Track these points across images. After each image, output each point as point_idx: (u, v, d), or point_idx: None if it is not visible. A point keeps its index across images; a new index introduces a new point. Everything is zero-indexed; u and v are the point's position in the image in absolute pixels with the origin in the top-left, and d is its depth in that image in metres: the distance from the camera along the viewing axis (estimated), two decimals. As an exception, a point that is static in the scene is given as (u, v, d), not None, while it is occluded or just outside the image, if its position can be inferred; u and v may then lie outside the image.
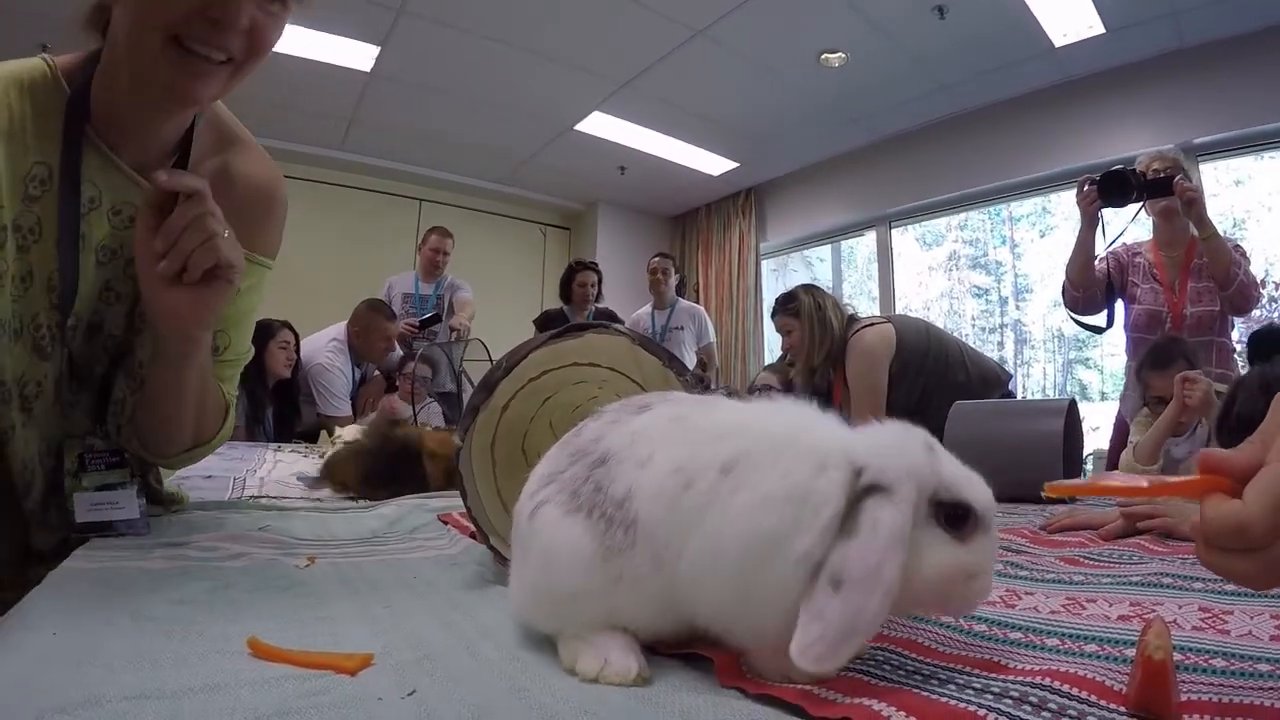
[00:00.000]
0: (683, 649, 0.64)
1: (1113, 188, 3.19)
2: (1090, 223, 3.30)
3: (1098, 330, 3.58)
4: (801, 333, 3.40)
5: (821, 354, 3.35)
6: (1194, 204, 3.06)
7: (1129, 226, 3.43)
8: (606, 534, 0.61)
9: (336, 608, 0.80)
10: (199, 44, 1.00)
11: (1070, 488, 0.64)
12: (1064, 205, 6.27)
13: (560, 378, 1.06)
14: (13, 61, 1.09)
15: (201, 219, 0.96)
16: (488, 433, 1.05)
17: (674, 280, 6.15)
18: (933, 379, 3.20)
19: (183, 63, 1.01)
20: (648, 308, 6.19)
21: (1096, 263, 3.40)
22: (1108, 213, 3.30)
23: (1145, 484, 0.54)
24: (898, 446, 0.61)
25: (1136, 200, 3.22)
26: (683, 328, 6.06)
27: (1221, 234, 3.20)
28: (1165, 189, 3.12)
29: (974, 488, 0.62)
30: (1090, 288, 3.42)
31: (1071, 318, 3.59)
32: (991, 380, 3.24)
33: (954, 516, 0.59)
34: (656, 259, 6.14)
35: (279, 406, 4.20)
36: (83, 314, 1.18)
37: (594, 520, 0.62)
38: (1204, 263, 3.17)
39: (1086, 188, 3.25)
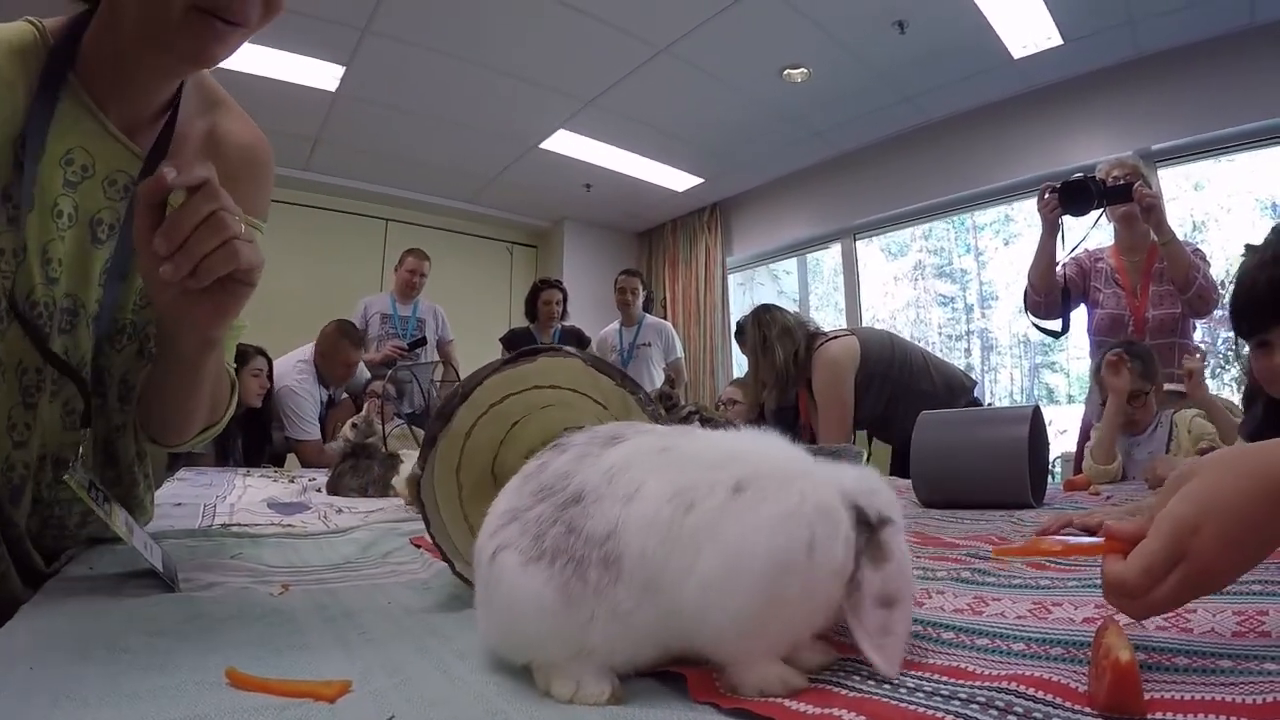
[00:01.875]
0: (655, 668, 0.65)
1: (1073, 196, 3.24)
2: (1051, 229, 3.35)
3: (1055, 334, 3.63)
4: (749, 367, 3.45)
5: (771, 378, 3.37)
6: (1153, 210, 3.11)
7: (1090, 232, 3.47)
8: (574, 578, 0.60)
9: (312, 635, 0.80)
10: (224, 10, 0.98)
11: (1011, 550, 0.79)
12: (1027, 213, 6.36)
13: (525, 401, 1.05)
14: None
15: (217, 218, 0.84)
16: (452, 458, 1.04)
17: (642, 297, 6.17)
18: (898, 388, 3.22)
19: (205, 28, 0.98)
20: (615, 325, 6.21)
21: (1057, 268, 3.45)
22: (1069, 219, 3.35)
23: (1059, 548, 0.74)
24: (879, 485, 0.66)
25: (1097, 207, 3.27)
26: (650, 344, 6.09)
27: (1181, 238, 3.25)
28: (1125, 195, 3.17)
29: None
30: (1052, 293, 3.46)
31: (1032, 322, 3.63)
32: (957, 388, 3.27)
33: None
34: (623, 276, 6.16)
35: (249, 433, 4.14)
36: (82, 296, 1.11)
37: (558, 568, 0.61)
38: (1165, 267, 3.22)
39: (1048, 195, 3.30)
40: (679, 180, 7.67)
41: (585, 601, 0.59)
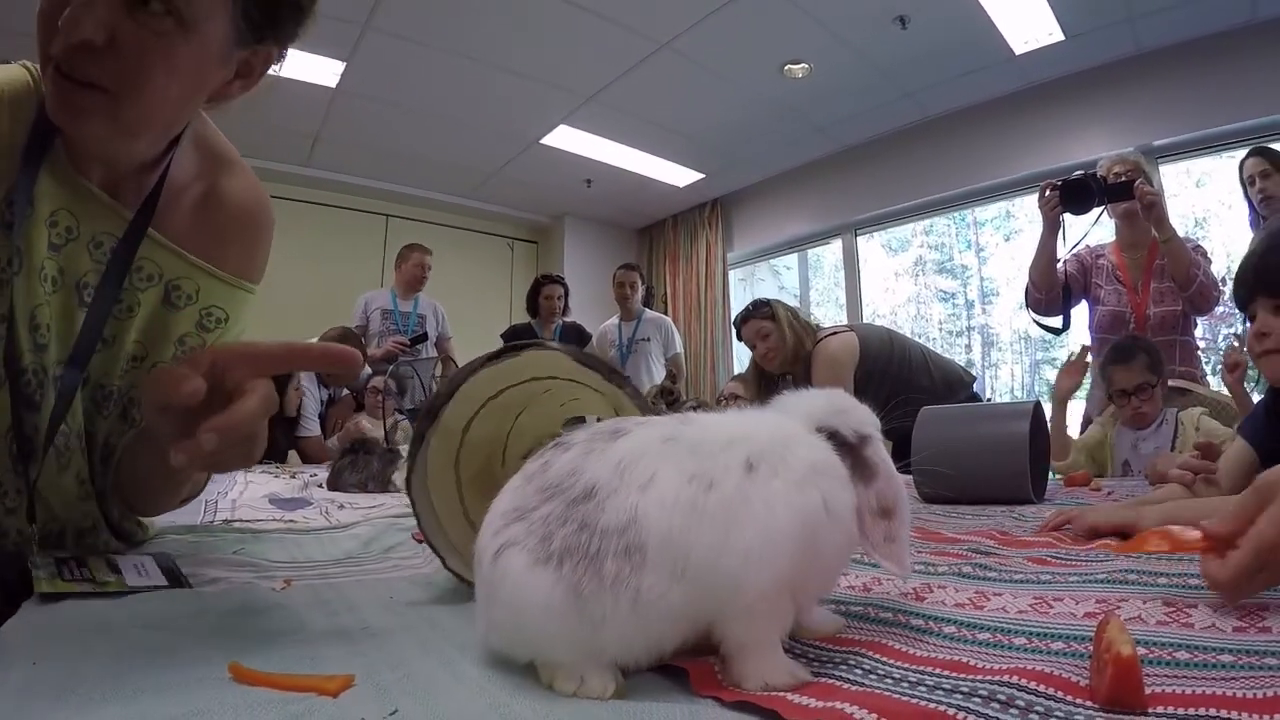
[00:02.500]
0: (667, 658, 0.64)
1: (1074, 194, 3.24)
2: (1052, 227, 3.35)
3: (1056, 331, 3.63)
4: (779, 334, 3.41)
5: (791, 354, 3.37)
6: (1153, 207, 3.11)
7: (1091, 229, 3.47)
8: (587, 576, 0.59)
9: (315, 630, 0.80)
10: (64, 65, 0.87)
11: (1124, 547, 0.94)
12: (1028, 209, 6.36)
13: (525, 391, 1.04)
14: None
15: (251, 438, 0.78)
16: (448, 455, 1.02)
17: (641, 292, 6.18)
18: (897, 384, 3.23)
19: (55, 90, 0.90)
20: (615, 320, 6.22)
21: (1058, 265, 3.45)
22: (1070, 216, 3.35)
23: (1168, 546, 0.85)
24: (848, 404, 0.75)
25: (1098, 205, 3.27)
26: (649, 339, 6.10)
27: (1182, 235, 3.26)
28: (1126, 193, 3.17)
29: None
30: (1053, 290, 3.47)
31: (1033, 319, 3.63)
32: (955, 383, 3.27)
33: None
34: (621, 271, 6.16)
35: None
36: (62, 362, 1.02)
37: (568, 569, 0.59)
38: (1166, 264, 3.23)
39: (1049, 193, 3.30)
40: (680, 176, 7.66)
41: (600, 598, 0.59)
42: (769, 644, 0.62)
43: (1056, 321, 3.58)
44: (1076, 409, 4.04)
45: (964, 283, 7.31)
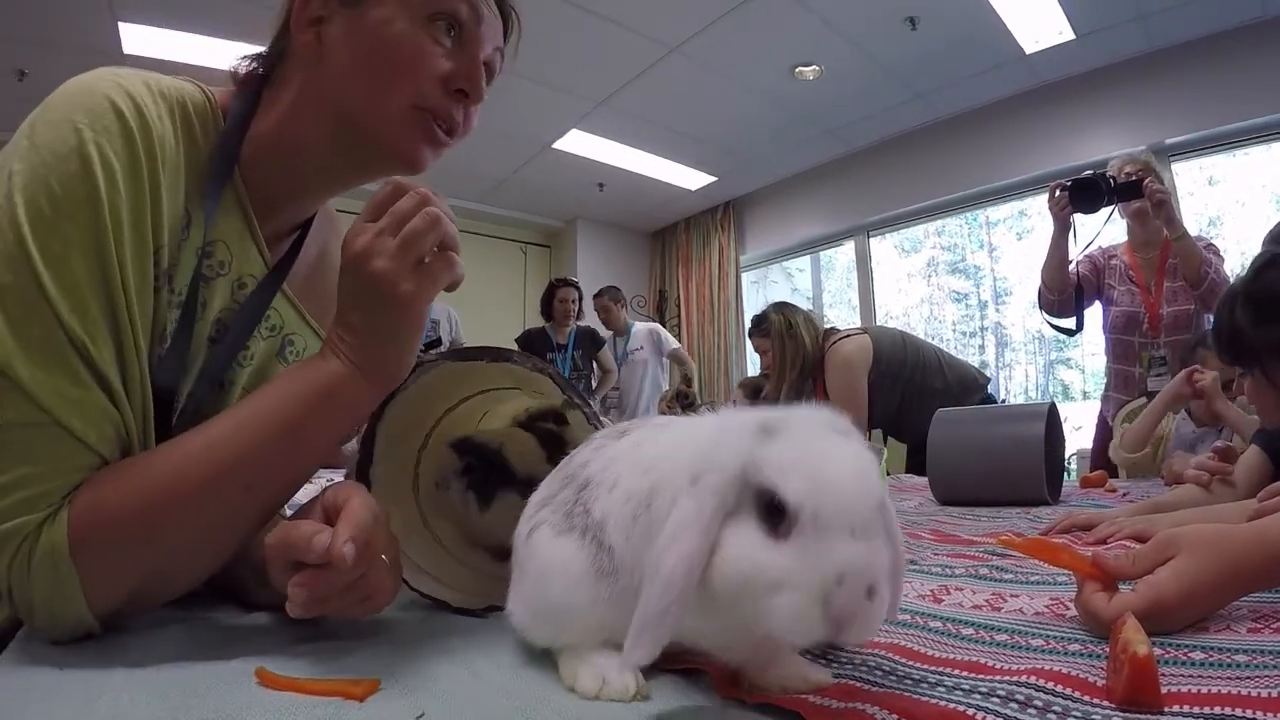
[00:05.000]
0: (680, 664, 0.65)
1: (1084, 193, 3.23)
2: (1063, 228, 3.34)
3: (1070, 333, 3.62)
4: (776, 349, 3.43)
5: (795, 371, 3.39)
6: (1163, 205, 3.10)
7: (1102, 229, 3.46)
8: (597, 555, 0.62)
9: (338, 635, 0.80)
10: (447, 112, 0.99)
11: (1016, 544, 0.82)
12: (1040, 208, 6.26)
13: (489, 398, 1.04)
14: (158, 75, 0.91)
15: (364, 583, 0.74)
16: (410, 513, 0.99)
17: (622, 308, 6.51)
18: (911, 386, 3.23)
19: (425, 130, 0.99)
20: (609, 335, 6.42)
21: (1070, 266, 3.44)
22: (1080, 216, 3.34)
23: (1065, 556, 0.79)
24: (722, 434, 0.57)
25: (1107, 204, 3.26)
26: (640, 348, 6.34)
27: (1195, 233, 3.25)
28: (1135, 191, 3.16)
29: (799, 477, 0.51)
30: (1065, 290, 3.45)
31: (1046, 320, 3.62)
32: (970, 384, 3.27)
33: (770, 508, 0.52)
34: (595, 298, 6.43)
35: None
36: (182, 396, 0.95)
37: (586, 540, 0.62)
38: (1175, 262, 3.22)
39: (1058, 193, 3.29)
40: (691, 179, 7.66)
41: (605, 577, 0.61)
42: (783, 651, 0.61)
43: (1070, 323, 3.56)
44: (1092, 409, 4.03)
45: (977, 283, 7.29)
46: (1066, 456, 2.50)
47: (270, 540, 0.74)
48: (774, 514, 0.51)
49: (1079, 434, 4.49)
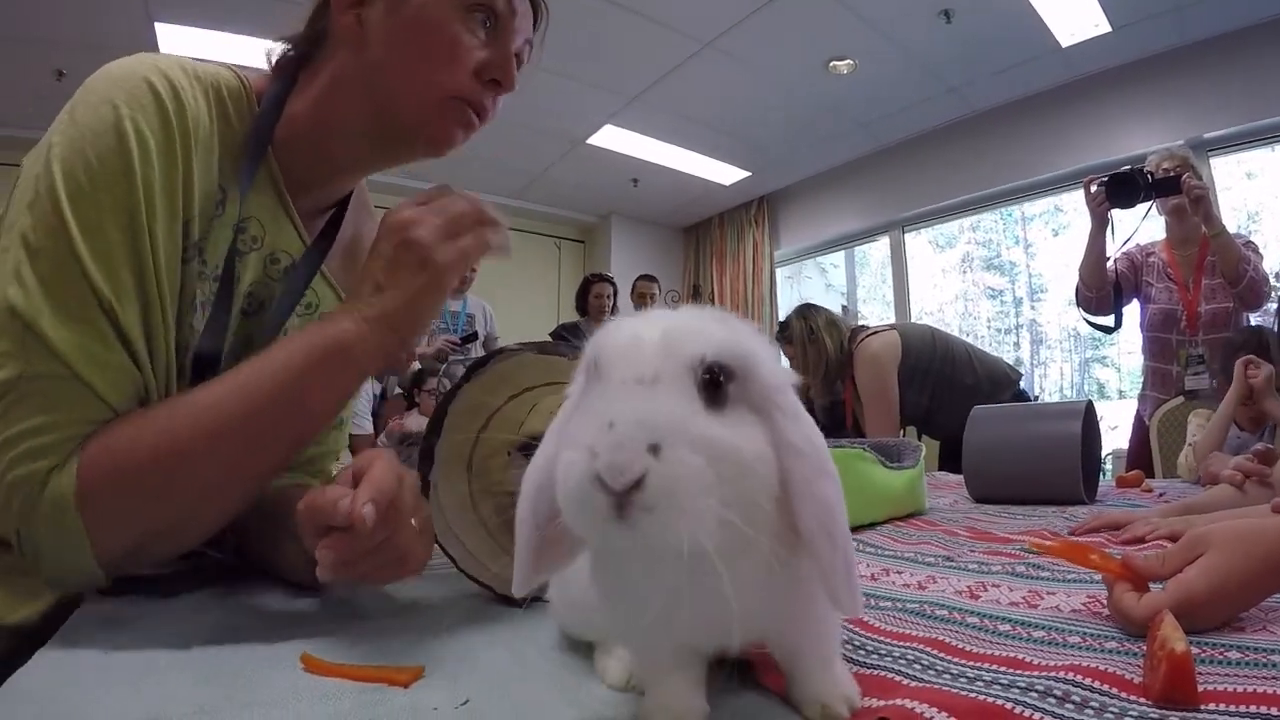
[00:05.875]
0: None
1: (1121, 188, 3.21)
2: (1100, 224, 3.32)
3: (1107, 330, 3.59)
4: (797, 354, 3.45)
5: (819, 375, 3.40)
6: (1201, 201, 3.08)
7: (1140, 225, 3.44)
8: None
9: (381, 623, 0.81)
10: (481, 101, 1.04)
11: (1046, 548, 0.83)
12: (1076, 203, 6.24)
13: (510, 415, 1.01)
14: (195, 60, 0.96)
15: (392, 544, 0.76)
16: (461, 492, 0.98)
17: (663, 299, 6.25)
18: (941, 382, 3.22)
19: (461, 116, 1.04)
20: None
21: (1108, 263, 3.42)
22: (1118, 212, 3.31)
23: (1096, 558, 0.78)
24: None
25: (1144, 200, 3.23)
26: None
27: (1233, 229, 3.22)
28: (1173, 187, 3.14)
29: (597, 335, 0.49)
30: (1104, 288, 3.43)
31: (1084, 318, 3.60)
32: (1001, 380, 3.25)
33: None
34: (641, 281, 6.30)
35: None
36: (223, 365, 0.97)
37: None
38: (1213, 259, 3.19)
39: (1095, 189, 3.27)
40: (725, 174, 7.65)
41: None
42: (828, 659, 0.56)
43: (1108, 320, 3.54)
44: (1128, 408, 4.00)
45: (1012, 279, 7.24)
46: (1103, 456, 2.48)
47: (300, 506, 0.76)
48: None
49: (1115, 433, 4.46)
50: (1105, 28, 4.98)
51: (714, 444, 0.42)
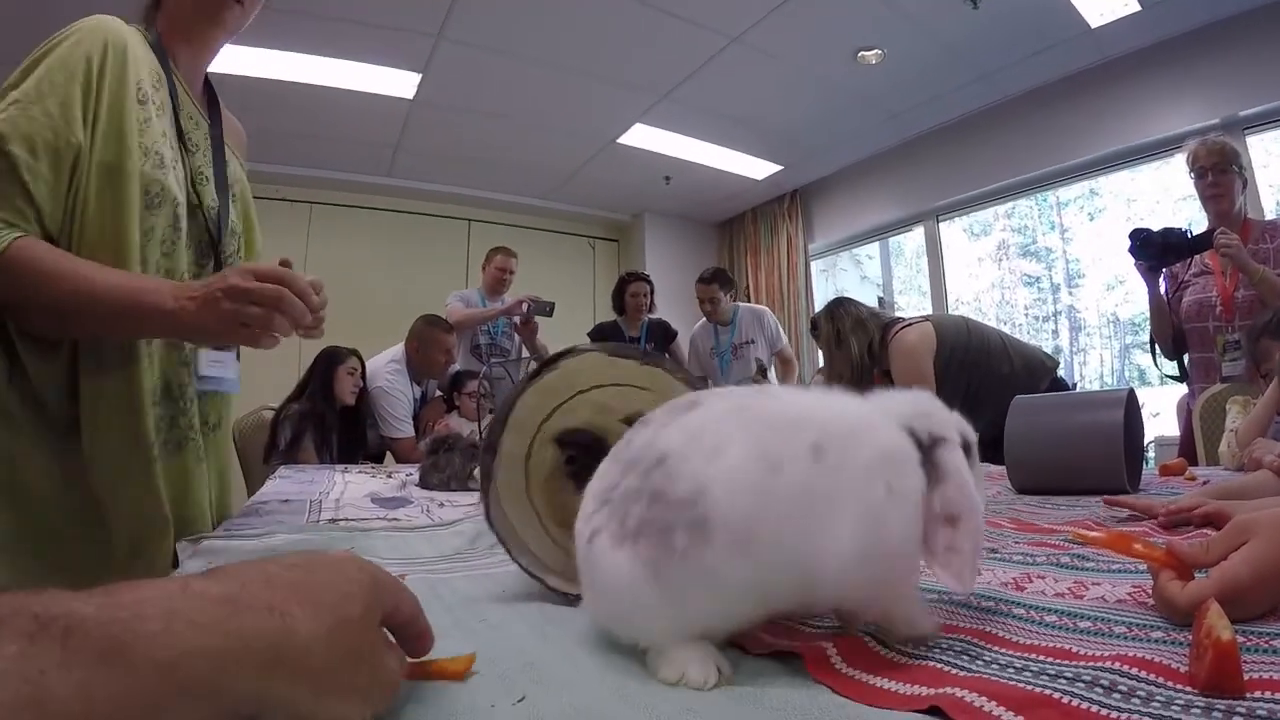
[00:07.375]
0: (770, 649, 0.67)
1: (1153, 252, 3.27)
2: (1150, 280, 3.45)
3: (1176, 379, 3.63)
4: (826, 350, 3.52)
5: (847, 371, 3.41)
6: (1234, 258, 3.09)
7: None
8: (660, 549, 0.61)
9: (434, 620, 0.81)
10: None
11: (1092, 539, 0.83)
12: (1113, 185, 6.21)
13: (570, 411, 1.03)
14: (96, 23, 1.40)
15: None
16: (517, 484, 1.00)
17: (726, 296, 5.67)
18: (977, 372, 3.21)
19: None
20: (704, 324, 5.93)
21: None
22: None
23: (1141, 547, 0.78)
24: (932, 407, 0.71)
25: (1175, 260, 3.35)
26: (753, 341, 5.71)
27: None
28: (1204, 245, 3.20)
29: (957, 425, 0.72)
30: (1166, 337, 3.52)
31: (1165, 375, 3.68)
32: (1037, 368, 3.23)
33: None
34: (699, 286, 5.68)
35: (345, 431, 4.27)
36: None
37: (643, 544, 0.62)
38: (1258, 248, 3.18)
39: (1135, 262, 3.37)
40: (757, 168, 7.66)
41: (673, 571, 0.61)
42: (909, 597, 0.70)
43: (1174, 368, 3.61)
44: (1169, 394, 3.96)
45: (1049, 266, 7.15)
46: (1146, 444, 2.46)
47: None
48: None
49: (1156, 420, 4.41)
50: (1135, 6, 4.92)
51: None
